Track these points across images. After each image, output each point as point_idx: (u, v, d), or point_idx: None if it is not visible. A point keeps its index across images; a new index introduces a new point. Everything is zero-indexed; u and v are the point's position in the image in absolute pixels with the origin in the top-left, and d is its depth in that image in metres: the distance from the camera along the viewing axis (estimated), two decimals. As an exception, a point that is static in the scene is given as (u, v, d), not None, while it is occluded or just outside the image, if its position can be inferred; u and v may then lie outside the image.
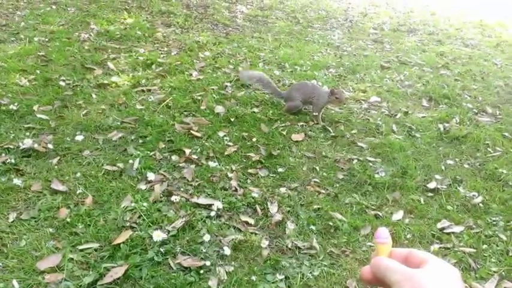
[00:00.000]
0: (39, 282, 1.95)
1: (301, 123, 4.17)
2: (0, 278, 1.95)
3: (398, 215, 2.74)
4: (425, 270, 0.56)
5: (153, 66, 4.88)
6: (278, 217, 2.64)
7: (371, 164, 3.45)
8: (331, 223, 2.60)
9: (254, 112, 4.26)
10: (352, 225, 2.59)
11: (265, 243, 2.37)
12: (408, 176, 3.27)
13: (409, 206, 2.87)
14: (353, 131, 4.07)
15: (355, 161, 3.49)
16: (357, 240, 2.47)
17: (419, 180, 3.22)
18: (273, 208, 2.73)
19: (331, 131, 3.97)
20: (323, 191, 3.02)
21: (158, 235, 2.28)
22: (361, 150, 3.70)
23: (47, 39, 4.98)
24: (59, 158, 3.01)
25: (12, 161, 2.84)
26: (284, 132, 3.93)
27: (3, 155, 2.91)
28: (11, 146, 3.02)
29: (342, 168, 3.35)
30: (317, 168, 3.31)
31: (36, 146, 3.03)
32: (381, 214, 2.75)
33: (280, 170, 3.26)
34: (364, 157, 3.57)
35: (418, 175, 3.30)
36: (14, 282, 1.90)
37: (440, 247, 2.45)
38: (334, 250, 2.38)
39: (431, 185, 3.15)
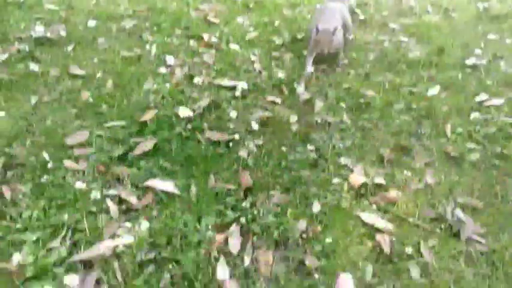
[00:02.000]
0: (70, 156, 1.94)
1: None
2: (31, 153, 1.94)
3: (434, 91, 2.58)
4: None
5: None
6: (306, 96, 2.52)
7: (404, 45, 3.22)
8: (362, 100, 2.47)
9: (274, -3, 3.97)
10: (384, 101, 2.46)
11: (294, 118, 2.29)
12: (445, 54, 3.05)
13: (445, 82, 2.70)
14: (384, 13, 3.76)
15: (387, 42, 3.26)
16: (389, 115, 2.36)
17: (457, 57, 3.00)
18: (300, 88, 2.60)
19: (360, 13, 3.69)
20: (353, 71, 2.85)
21: (184, 111, 2.21)
22: (393, 32, 3.44)
23: None
24: (73, 45, 2.88)
25: (27, 49, 2.73)
26: (308, 17, 3.67)
27: (16, 43, 2.79)
28: (23, 35, 2.89)
29: (373, 49, 3.14)
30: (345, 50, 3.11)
31: (48, 34, 2.89)
32: (415, 90, 2.60)
33: (304, 52, 3.07)
34: (396, 38, 3.32)
35: (456, 53, 3.07)
36: (45, 153, 1.89)
37: (479, 117, 2.32)
38: (365, 124, 2.28)
39: (470, 61, 2.93)
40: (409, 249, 1.53)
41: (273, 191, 1.84)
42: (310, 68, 2.73)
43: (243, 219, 1.67)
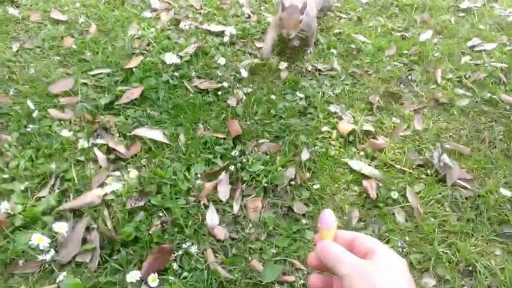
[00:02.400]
0: (55, 105, 1.90)
1: None
2: (16, 102, 1.90)
3: (426, 35, 2.53)
4: (374, 263, 0.53)
5: None
6: (295, 43, 2.45)
7: (397, -14, 3.09)
8: (353, 45, 2.42)
9: None
10: (376, 46, 2.41)
11: (283, 65, 2.23)
12: (439, -4, 2.95)
13: (438, 27, 2.64)
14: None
15: (380, -16, 3.13)
16: (381, 61, 2.32)
17: (450, 0, 2.91)
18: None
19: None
20: (344, 16, 2.76)
21: (170, 58, 2.14)
22: (386, -27, 3.30)
23: None
24: (53, -11, 2.72)
25: (4, -8, 2.58)
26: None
27: (-8, -14, 2.63)
28: (-1, -23, 2.71)
29: (365, -8, 3.02)
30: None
31: (25, -24, 2.72)
32: (407, 35, 2.54)
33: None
34: (390, -21, 3.19)
35: (450, -5, 2.97)
36: (29, 102, 1.85)
37: (470, 62, 2.29)
38: (356, 70, 2.25)
39: (464, 4, 2.85)
40: (395, 194, 1.56)
41: (262, 139, 1.84)
42: (268, 51, 2.17)
43: (232, 168, 1.68)
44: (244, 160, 1.71)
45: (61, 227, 1.33)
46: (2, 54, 2.17)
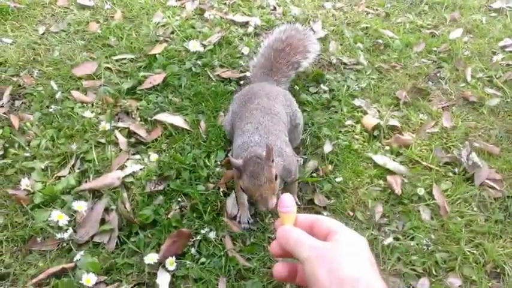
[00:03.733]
0: (78, 87, 1.90)
1: None
2: (39, 83, 1.91)
3: (456, 33, 2.45)
4: (336, 245, 0.52)
5: None
6: (321, 34, 2.40)
7: (427, -16, 3.02)
8: (380, 41, 2.36)
9: None
10: (404, 42, 2.34)
11: (308, 57, 2.19)
12: (470, -5, 2.86)
13: (469, 25, 2.55)
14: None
15: (409, -20, 3.06)
16: (408, 57, 2.25)
17: (482, -1, 2.82)
18: (316, 26, 2.47)
19: None
20: (372, 11, 2.70)
21: (194, 45, 2.13)
22: (416, -30, 3.22)
23: None
24: (81, -26, 2.74)
25: (32, -24, 2.60)
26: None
27: (21, -30, 2.65)
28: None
29: (394, -12, 2.95)
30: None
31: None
32: (437, 33, 2.47)
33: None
34: (419, -24, 3.12)
35: (482, -6, 2.88)
36: (52, 83, 1.85)
37: (501, 62, 2.21)
38: (383, 65, 2.19)
39: (496, 4, 2.75)
40: (421, 191, 1.51)
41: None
42: (245, 222, 1.45)
43: (252, 156, 1.64)
44: (266, 149, 1.67)
45: (80, 206, 1.32)
46: (28, 37, 2.19)
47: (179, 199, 1.48)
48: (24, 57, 2.05)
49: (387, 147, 1.70)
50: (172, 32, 2.33)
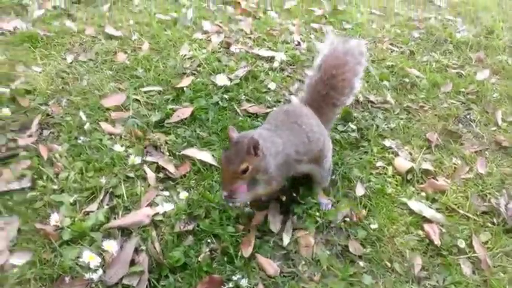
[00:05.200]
0: (106, 118, 1.89)
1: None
2: (67, 113, 1.90)
3: (483, 74, 2.44)
4: None
5: None
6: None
7: (451, 23, 3.04)
8: (407, 79, 2.35)
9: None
10: (431, 82, 2.33)
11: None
12: (494, 36, 2.87)
13: (495, 66, 2.55)
14: (429, -12, 3.56)
15: (432, 19, 3.08)
16: (436, 97, 2.24)
17: (506, 40, 2.82)
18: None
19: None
20: (396, 49, 2.71)
21: (222, 80, 2.13)
22: (439, 9, 3.26)
23: None
24: (109, 5, 2.79)
25: (62, 5, 2.65)
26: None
27: (51, -1, 2.71)
28: (59, -9, 2.80)
29: (418, 27, 2.97)
30: (388, 26, 2.95)
31: (84, -9, 2.80)
32: (463, 73, 2.46)
33: (347, 26, 2.93)
34: (442, 16, 3.14)
35: (505, 36, 2.89)
36: (81, 114, 1.84)
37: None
38: (411, 105, 2.17)
39: (522, 45, 2.75)
40: (462, 243, 1.45)
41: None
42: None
43: (283, 198, 1.60)
44: (295, 193, 1.63)
45: (110, 246, 1.28)
46: (57, 65, 2.20)
47: (209, 240, 1.44)
48: (52, 85, 2.05)
49: (422, 193, 1.65)
50: (199, 65, 2.34)
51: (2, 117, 1.82)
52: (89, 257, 1.23)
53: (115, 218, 1.47)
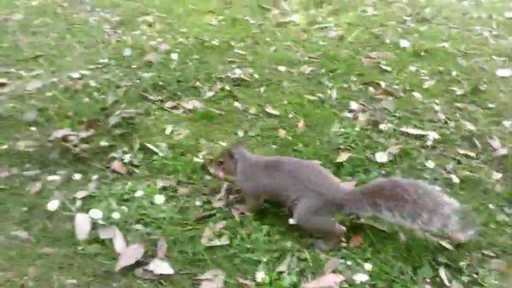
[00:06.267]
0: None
1: (503, 58, 3.73)
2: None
3: None
4: None
5: (324, 5, 4.88)
6: (503, 151, 2.40)
7: None
8: None
9: (444, 47, 3.94)
10: None
11: (496, 175, 2.19)
12: None
13: None
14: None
15: None
16: None
17: None
18: (494, 143, 2.49)
19: None
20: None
21: (381, 157, 2.28)
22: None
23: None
24: (264, 87, 3.19)
25: (227, 88, 3.11)
26: (486, 67, 3.54)
27: (218, 83, 3.19)
28: (223, 76, 3.29)
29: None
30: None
31: (243, 76, 3.26)
32: None
33: (490, 105, 2.96)
34: None
35: None
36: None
37: None
38: None
39: None
40: None
41: (487, 250, 1.76)
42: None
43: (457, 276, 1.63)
44: (475, 274, 1.64)
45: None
46: (231, 139, 2.56)
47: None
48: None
49: None
50: (352, 141, 2.53)
51: (196, 182, 2.16)
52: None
53: (305, 281, 1.62)
